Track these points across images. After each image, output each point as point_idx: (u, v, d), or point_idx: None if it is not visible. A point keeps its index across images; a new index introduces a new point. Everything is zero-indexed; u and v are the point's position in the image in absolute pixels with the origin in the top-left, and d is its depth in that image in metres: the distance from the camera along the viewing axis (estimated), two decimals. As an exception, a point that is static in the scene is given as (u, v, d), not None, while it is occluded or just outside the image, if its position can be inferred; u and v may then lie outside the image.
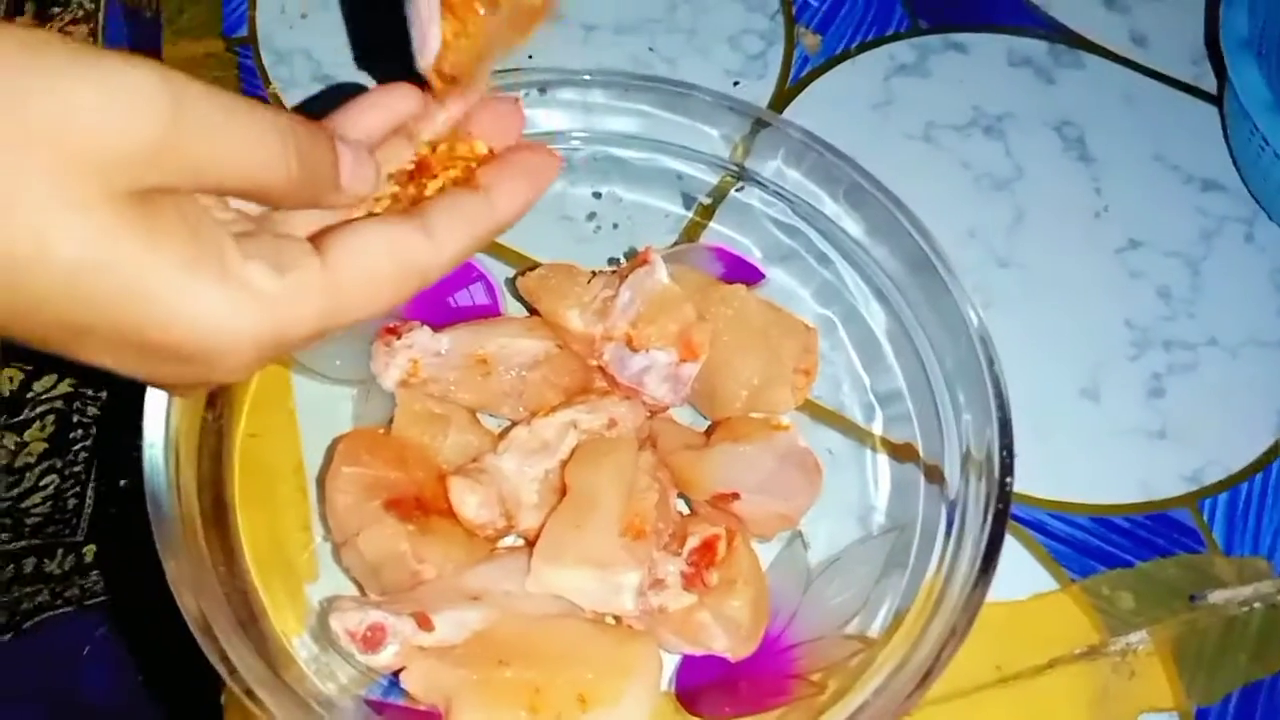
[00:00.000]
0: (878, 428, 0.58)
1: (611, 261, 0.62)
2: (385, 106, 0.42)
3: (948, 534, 0.49)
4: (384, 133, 0.41)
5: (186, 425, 0.49)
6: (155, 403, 0.47)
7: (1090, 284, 0.70)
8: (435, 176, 0.40)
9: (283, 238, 0.35)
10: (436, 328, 0.57)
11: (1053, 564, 0.60)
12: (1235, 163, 0.74)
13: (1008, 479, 0.47)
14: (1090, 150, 0.75)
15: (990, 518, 0.47)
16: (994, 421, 0.48)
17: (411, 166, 0.41)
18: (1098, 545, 0.61)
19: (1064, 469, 0.63)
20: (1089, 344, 0.67)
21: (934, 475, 0.53)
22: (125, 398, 0.47)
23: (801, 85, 0.74)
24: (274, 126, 0.33)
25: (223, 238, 0.32)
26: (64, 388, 0.62)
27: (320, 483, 0.54)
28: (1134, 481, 0.63)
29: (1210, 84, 0.78)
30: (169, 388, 0.36)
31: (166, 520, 0.45)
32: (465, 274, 0.60)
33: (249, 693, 0.43)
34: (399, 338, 0.56)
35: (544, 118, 0.58)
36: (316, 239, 0.35)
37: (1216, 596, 0.61)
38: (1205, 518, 0.62)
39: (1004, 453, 0.48)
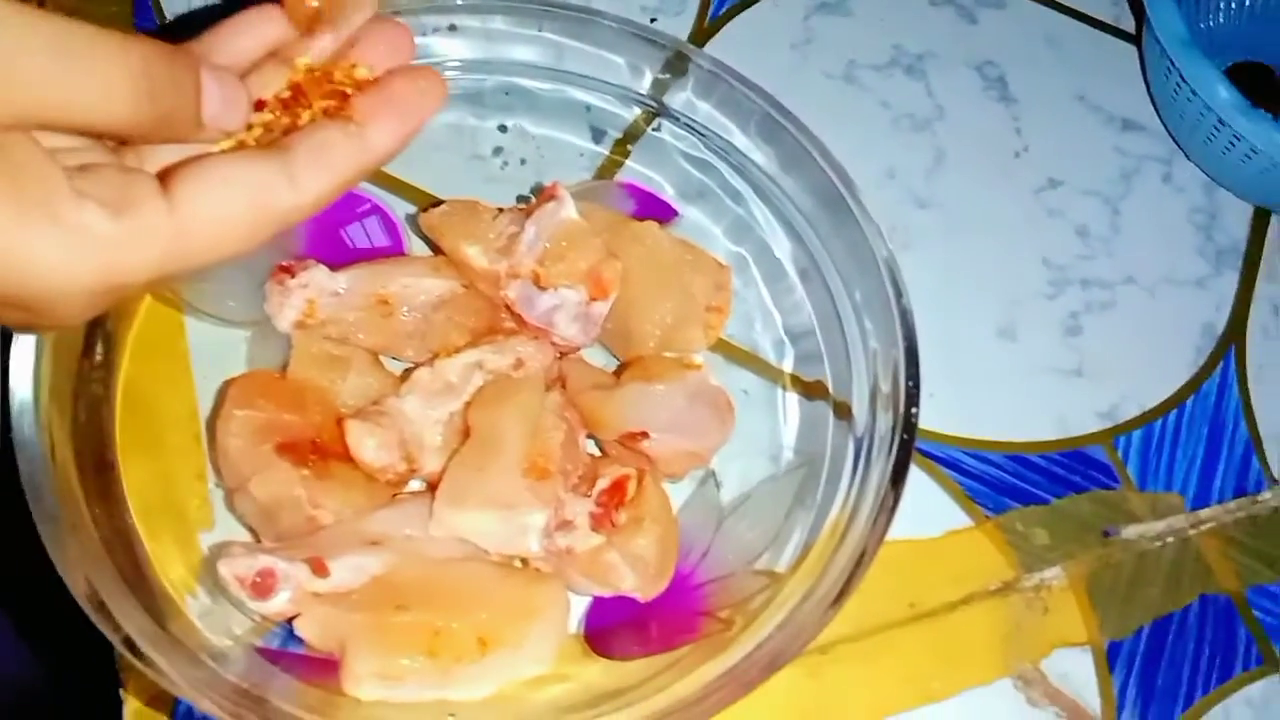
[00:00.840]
0: (788, 365, 0.57)
1: (521, 199, 0.61)
2: (259, 29, 0.39)
3: (854, 468, 0.48)
4: (257, 57, 0.39)
5: (61, 374, 0.46)
6: (22, 352, 0.44)
7: (1009, 224, 0.70)
8: (310, 105, 0.38)
9: (129, 172, 0.32)
10: (334, 267, 0.55)
11: (968, 501, 0.60)
12: (1154, 102, 0.74)
13: (913, 409, 0.47)
14: (1011, 90, 0.75)
15: (895, 448, 0.46)
16: (900, 352, 0.48)
17: (286, 94, 0.38)
18: (1013, 483, 0.61)
19: (981, 408, 0.63)
20: (1007, 283, 0.67)
21: (843, 411, 0.52)
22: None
23: (720, 23, 0.72)
24: (120, 62, 0.30)
25: (51, 174, 0.30)
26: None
27: (211, 427, 0.52)
28: (1050, 419, 0.63)
29: (1130, 24, 0.78)
30: (13, 328, 0.33)
31: (38, 477, 0.42)
32: (353, 204, 0.58)
33: (134, 648, 0.41)
34: (293, 277, 0.54)
35: (444, 45, 0.56)
36: (166, 175, 0.32)
37: (1130, 531, 0.61)
38: (1120, 454, 0.63)
39: (910, 384, 0.47)
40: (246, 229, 0.33)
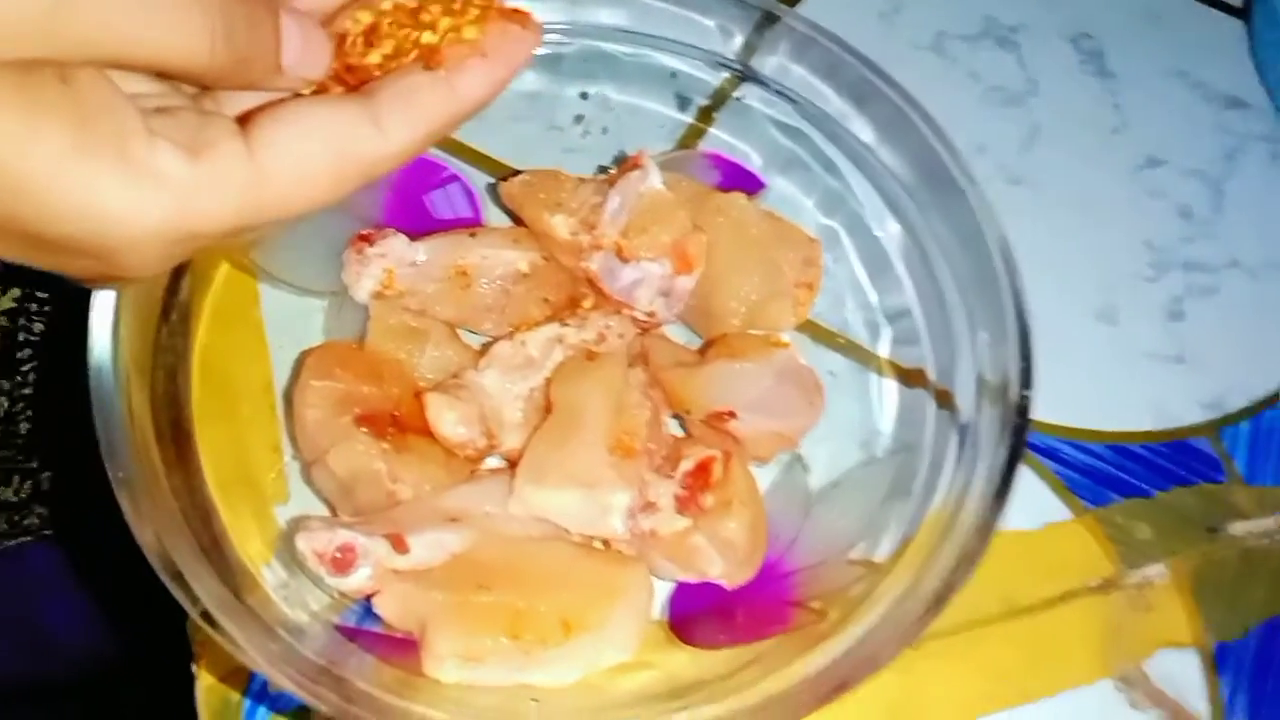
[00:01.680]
0: (884, 347, 0.54)
1: (600, 169, 0.59)
2: None
3: (959, 458, 0.46)
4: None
5: (139, 340, 0.45)
6: (102, 317, 0.43)
7: (1107, 203, 0.66)
8: (397, 50, 0.35)
9: (206, 115, 0.30)
10: (414, 236, 0.53)
11: (1066, 493, 0.57)
12: (1262, 80, 0.70)
13: (1026, 396, 0.44)
14: (1108, 64, 0.71)
15: (1007, 440, 0.43)
16: (1013, 339, 0.45)
17: (364, 28, 0.36)
18: (1114, 474, 0.58)
19: (1079, 395, 0.60)
20: (1105, 265, 0.64)
21: (944, 397, 0.49)
22: (75, 311, 0.44)
23: (805, -9, 0.69)
24: (196, 2, 0.28)
25: (125, 112, 0.28)
26: (7, 302, 0.58)
27: (288, 398, 0.51)
28: (1152, 408, 0.60)
29: (1236, -3, 0.74)
30: (79, 281, 0.32)
31: (116, 442, 0.41)
32: (433, 171, 0.56)
33: (210, 619, 0.39)
34: (372, 245, 0.52)
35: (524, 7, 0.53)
36: (244, 120, 0.31)
37: (1236, 528, 0.58)
38: (1226, 446, 0.59)
39: (1024, 371, 0.44)
40: (329, 179, 0.31)
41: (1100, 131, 0.69)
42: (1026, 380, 0.44)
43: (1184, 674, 0.54)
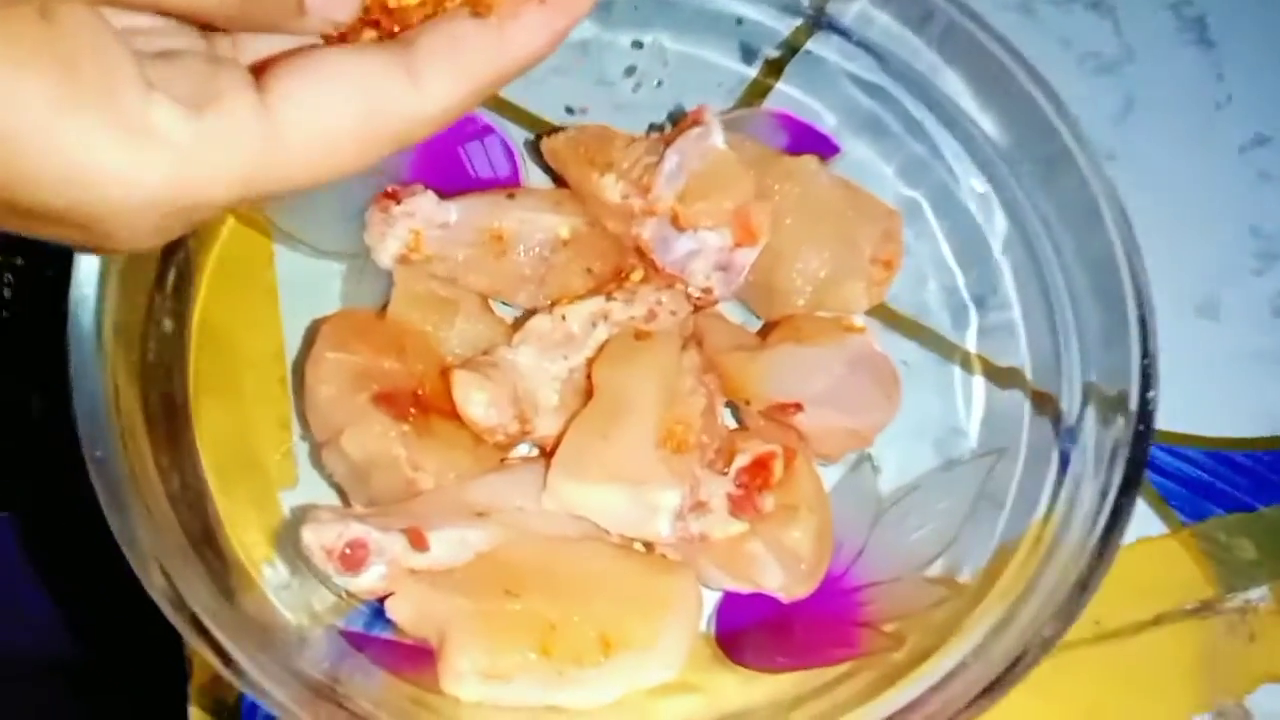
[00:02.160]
0: (970, 338, 0.49)
1: (653, 128, 0.53)
2: None
3: (1062, 467, 0.40)
4: None
5: (129, 302, 0.40)
6: (87, 273, 0.38)
7: (1210, 184, 0.60)
8: None
9: (216, 62, 0.26)
10: (444, 195, 0.48)
11: (1161, 505, 0.51)
12: (1384, 52, 0.63)
13: (1150, 401, 0.38)
14: (1211, 33, 0.65)
15: (1124, 452, 0.37)
16: (1134, 335, 0.39)
17: None
18: (1214, 485, 0.52)
19: (1177, 396, 0.53)
20: (1208, 254, 0.58)
21: (1043, 399, 0.43)
22: (56, 268, 0.38)
23: (884, -57, 0.63)
24: None
25: (117, 57, 0.24)
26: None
27: (299, 372, 0.45)
28: (1258, 412, 0.54)
29: (1358, -41, 0.67)
30: (73, 248, 0.27)
31: (95, 417, 0.36)
32: (467, 122, 0.50)
33: (194, 622, 0.34)
34: (399, 204, 0.47)
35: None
36: (262, 69, 0.26)
37: (1352, 550, 0.52)
38: (1340, 457, 0.53)
39: (1145, 372, 0.38)
40: (355, 141, 0.26)
41: (1202, 105, 0.63)
42: (1148, 383, 0.38)
43: (1290, 713, 0.48)
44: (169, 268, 0.43)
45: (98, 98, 0.23)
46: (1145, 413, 0.37)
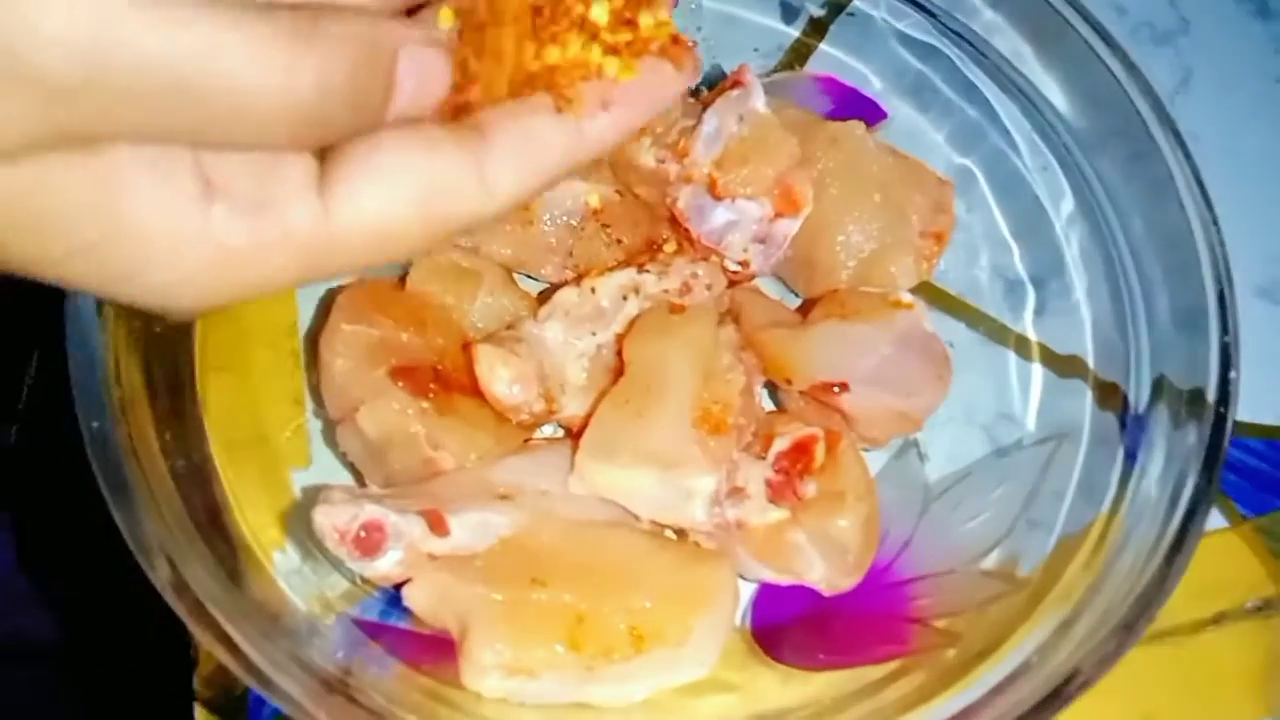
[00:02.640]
0: (1026, 319, 0.46)
1: (688, 91, 0.50)
2: None
3: (1129, 460, 0.37)
4: None
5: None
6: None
7: (1269, 162, 0.58)
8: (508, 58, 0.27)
9: (280, 153, 0.24)
10: (467, 159, 0.45)
11: (1221, 497, 0.49)
12: None
13: (1227, 396, 0.35)
14: (1271, 4, 0.62)
15: (1201, 448, 0.34)
16: (1213, 324, 0.36)
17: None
18: (1274, 475, 0.50)
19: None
20: (1268, 234, 0.56)
21: (1107, 389, 0.40)
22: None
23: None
24: (281, 74, 0.22)
25: (178, 164, 0.23)
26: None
27: (313, 344, 0.43)
28: (1321, 400, 0.51)
29: None
30: None
31: (93, 389, 0.34)
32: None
33: (198, 608, 0.32)
34: (419, 167, 0.44)
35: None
36: (325, 156, 0.25)
37: None
38: None
39: (1224, 365, 0.35)
40: (416, 236, 0.25)
41: (1261, 79, 0.60)
42: (1226, 378, 0.35)
43: (1358, 719, 0.46)
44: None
45: (150, 210, 0.23)
46: (1225, 400, 0.35)
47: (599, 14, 0.27)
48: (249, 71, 0.22)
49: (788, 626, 0.41)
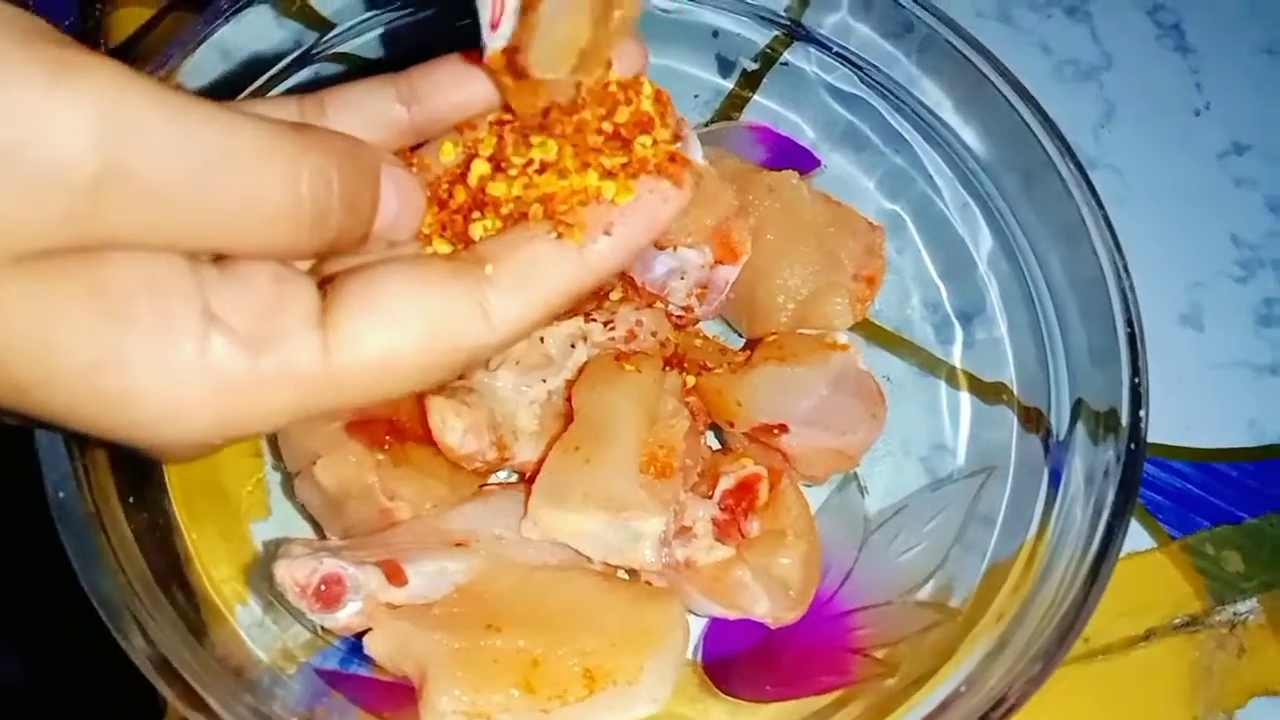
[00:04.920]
0: (956, 353, 0.48)
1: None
2: (467, 87, 0.30)
3: (1054, 486, 0.39)
4: (454, 118, 0.30)
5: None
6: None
7: (1190, 192, 0.60)
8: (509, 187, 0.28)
9: (283, 282, 0.24)
10: (417, 214, 0.46)
11: (1148, 518, 0.51)
12: (1359, 58, 0.63)
13: (1140, 418, 0.37)
14: (1189, 39, 0.65)
15: (1117, 471, 0.36)
16: (1123, 350, 0.38)
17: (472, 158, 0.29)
18: (1200, 496, 0.52)
19: (1162, 407, 0.51)
20: (1190, 262, 0.58)
21: (1031, 414, 0.43)
22: None
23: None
24: (288, 181, 0.23)
25: (181, 296, 0.23)
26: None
27: (269, 399, 0.44)
28: (1242, 422, 0.54)
29: (1332, -35, 0.67)
30: None
31: (52, 450, 0.34)
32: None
33: (164, 668, 0.33)
34: (370, 224, 0.45)
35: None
36: (328, 282, 0.25)
37: (1339, 560, 0.51)
38: (1326, 467, 0.53)
39: (1135, 388, 0.37)
40: (418, 372, 0.25)
41: (1181, 112, 0.63)
42: (1139, 401, 0.37)
43: (1282, 727, 0.48)
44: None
45: (148, 338, 0.22)
46: (1137, 432, 0.37)
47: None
48: (258, 168, 0.22)
49: (737, 660, 0.43)
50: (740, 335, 0.49)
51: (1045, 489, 0.40)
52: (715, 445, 0.47)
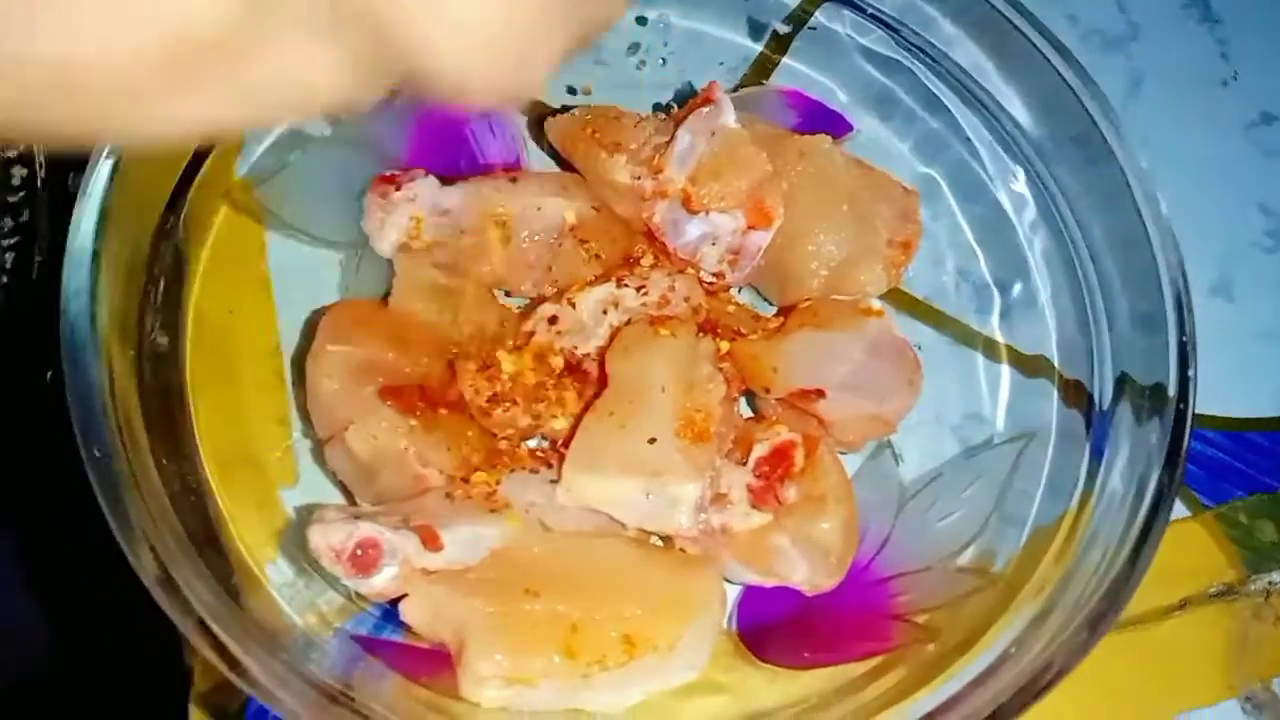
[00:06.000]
0: (993, 322, 0.47)
1: (658, 108, 0.51)
2: None
3: (1095, 455, 0.38)
4: None
5: (123, 293, 0.38)
6: (78, 263, 0.36)
7: (1219, 163, 0.59)
8: None
9: None
10: (445, 179, 0.46)
11: (1182, 487, 0.50)
12: (1387, 26, 0.63)
13: (1187, 390, 0.36)
14: (1214, 9, 0.64)
15: (1164, 443, 0.36)
16: (1171, 322, 0.38)
17: None
18: (1234, 466, 0.51)
19: (1194, 376, 0.53)
20: (1219, 233, 0.57)
21: (1073, 387, 0.42)
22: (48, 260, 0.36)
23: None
24: None
25: None
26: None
27: (299, 365, 0.43)
28: (1273, 391, 0.53)
29: (1362, -67, 0.66)
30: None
31: (93, 414, 0.34)
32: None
33: (205, 630, 0.32)
34: (398, 189, 0.45)
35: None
36: None
37: (1374, 529, 0.51)
38: (1360, 436, 0.52)
39: (1183, 361, 0.37)
40: None
41: (1208, 83, 0.62)
42: (1186, 364, 0.36)
43: (1317, 697, 0.47)
44: (163, 254, 0.41)
45: None
46: (1185, 396, 0.36)
47: None
48: None
49: (773, 627, 0.42)
50: (770, 304, 0.49)
51: (1088, 459, 0.39)
52: (748, 413, 0.47)
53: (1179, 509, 0.50)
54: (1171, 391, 0.36)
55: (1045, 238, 0.44)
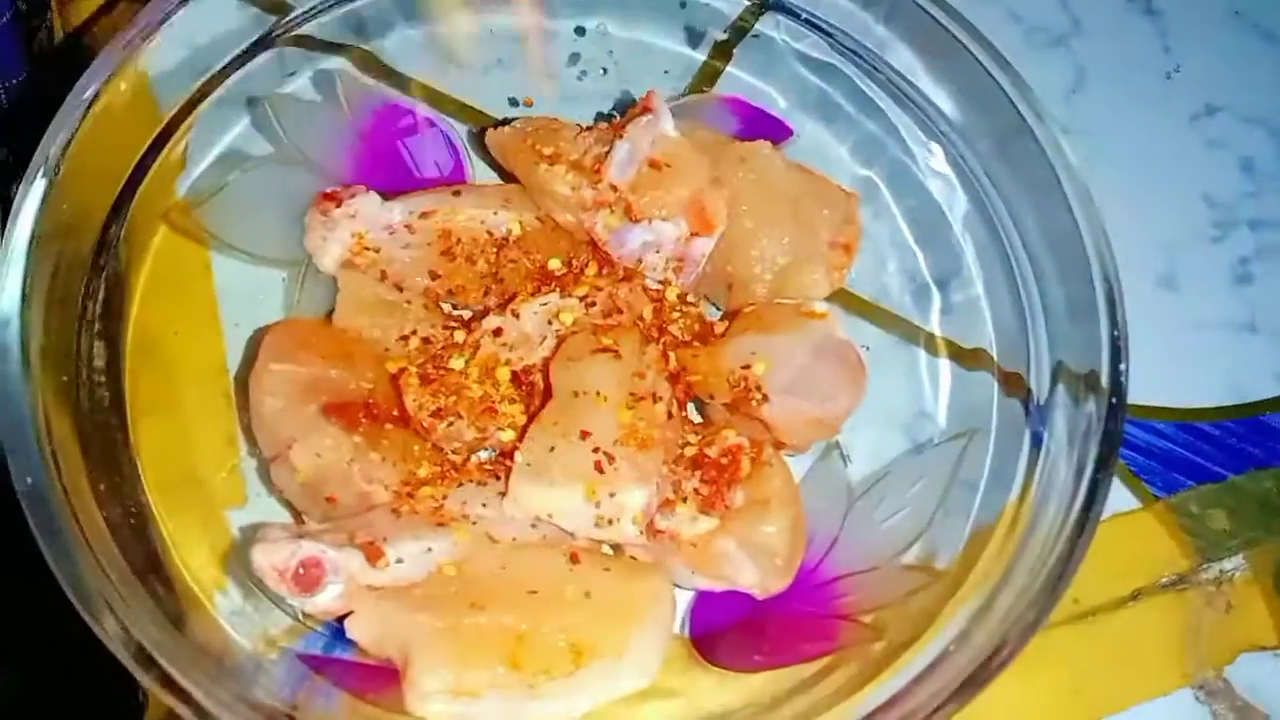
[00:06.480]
0: (933, 319, 0.47)
1: (601, 118, 0.51)
2: None
3: (1035, 446, 0.39)
4: None
5: (57, 315, 0.38)
6: (9, 284, 0.35)
7: (1163, 155, 0.60)
8: None
9: None
10: (387, 195, 0.46)
11: (1132, 479, 0.51)
12: (1326, 18, 0.63)
13: (1121, 376, 0.37)
14: (1156, 3, 0.64)
15: (1098, 429, 0.36)
16: (1102, 311, 0.38)
17: None
18: (1183, 456, 0.52)
19: (1142, 369, 0.52)
20: (1165, 225, 0.58)
21: (1011, 379, 0.42)
22: None
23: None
24: None
25: None
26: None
27: (243, 384, 0.43)
28: (1222, 382, 0.54)
29: (1298, -74, 0.67)
30: None
31: (22, 438, 0.33)
32: (400, 116, 0.49)
33: (145, 660, 0.32)
34: (339, 206, 0.45)
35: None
36: None
37: (1322, 514, 0.51)
38: (1307, 423, 0.53)
39: (1115, 348, 0.37)
40: None
41: (1152, 76, 0.62)
42: (1119, 357, 0.37)
43: (1270, 681, 0.48)
44: (100, 275, 0.41)
45: None
46: (1118, 387, 0.37)
47: None
48: None
49: (724, 631, 0.42)
50: (718, 309, 0.49)
51: (1027, 450, 0.39)
52: (696, 419, 0.47)
53: (1130, 501, 0.51)
54: (1104, 379, 0.37)
55: (980, 234, 0.44)
